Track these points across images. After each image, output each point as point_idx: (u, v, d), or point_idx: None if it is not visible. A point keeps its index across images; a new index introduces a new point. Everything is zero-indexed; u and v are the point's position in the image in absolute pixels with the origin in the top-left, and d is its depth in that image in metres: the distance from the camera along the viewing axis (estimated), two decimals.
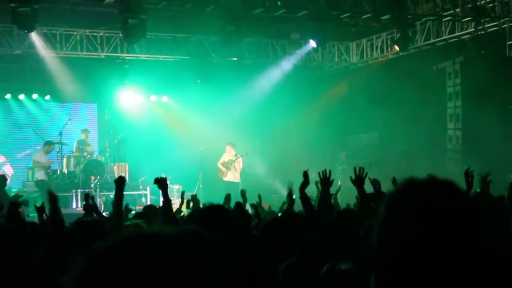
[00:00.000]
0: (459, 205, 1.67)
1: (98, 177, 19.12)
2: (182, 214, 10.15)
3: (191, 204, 10.41)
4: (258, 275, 4.33)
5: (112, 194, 18.40)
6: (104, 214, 10.35)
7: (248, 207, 10.39)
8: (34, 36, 18.56)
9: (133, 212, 10.28)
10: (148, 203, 17.11)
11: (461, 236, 1.63)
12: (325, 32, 18.48)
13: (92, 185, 18.73)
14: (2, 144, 21.55)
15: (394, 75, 19.85)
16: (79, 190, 18.45)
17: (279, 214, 8.76)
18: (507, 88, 18.18)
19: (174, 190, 19.62)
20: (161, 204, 8.30)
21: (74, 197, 18.57)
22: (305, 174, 6.98)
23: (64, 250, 5.12)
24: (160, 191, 6.74)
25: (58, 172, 19.50)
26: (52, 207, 6.02)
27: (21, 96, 21.53)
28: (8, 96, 21.37)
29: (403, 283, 1.62)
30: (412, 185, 1.71)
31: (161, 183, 6.64)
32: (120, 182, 6.23)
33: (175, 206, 16.77)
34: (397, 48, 19.25)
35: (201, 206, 9.55)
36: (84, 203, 8.89)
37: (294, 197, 8.59)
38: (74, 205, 18.19)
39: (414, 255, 1.61)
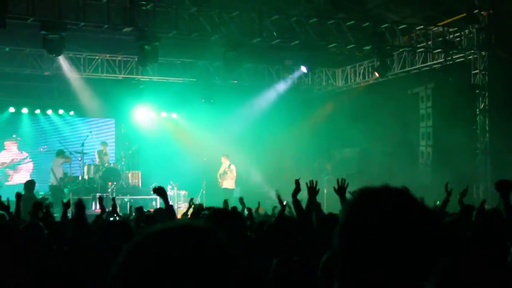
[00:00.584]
0: (409, 209, 1.60)
1: (115, 183, 19.17)
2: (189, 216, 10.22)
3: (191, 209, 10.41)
4: (253, 270, 4.39)
5: (126, 198, 18.64)
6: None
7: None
8: (61, 59, 18.74)
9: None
10: (158, 206, 17.14)
11: (412, 236, 1.57)
12: (314, 60, 18.63)
13: (109, 190, 18.78)
14: (31, 152, 21.65)
15: (374, 98, 19.91)
16: (97, 194, 18.49)
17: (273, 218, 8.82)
18: (472, 110, 18.30)
19: (181, 195, 19.65)
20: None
21: (93, 200, 18.59)
22: (297, 182, 6.85)
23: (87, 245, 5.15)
24: (161, 198, 6.64)
25: (80, 178, 19.51)
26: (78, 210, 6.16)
27: (49, 112, 21.64)
28: (37, 111, 21.47)
29: (360, 282, 1.56)
30: (366, 194, 1.65)
31: (160, 191, 6.54)
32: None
33: (181, 210, 16.90)
34: (377, 74, 19.36)
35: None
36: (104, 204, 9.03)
37: (285, 202, 8.65)
38: (93, 207, 18.20)
39: (369, 256, 1.55)
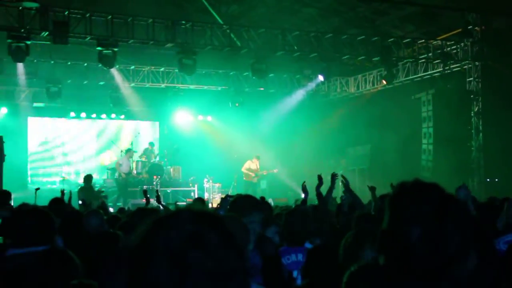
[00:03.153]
0: (439, 199, 1.61)
1: (159, 176, 19.31)
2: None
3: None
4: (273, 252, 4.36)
5: (168, 189, 18.75)
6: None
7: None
8: (114, 71, 18.90)
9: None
10: (196, 196, 17.27)
11: (457, 223, 1.57)
12: (330, 69, 18.62)
13: (154, 183, 18.93)
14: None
15: (382, 102, 19.82)
16: (144, 186, 18.66)
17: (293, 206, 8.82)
18: (467, 113, 18.20)
19: (216, 187, 19.73)
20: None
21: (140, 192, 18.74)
22: (319, 177, 6.77)
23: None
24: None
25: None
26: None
27: (103, 116, 21.78)
28: (94, 115, 21.66)
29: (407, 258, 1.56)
30: (403, 187, 1.66)
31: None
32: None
33: (216, 200, 16.91)
34: (384, 82, 19.27)
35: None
36: (148, 196, 8.86)
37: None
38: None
39: (413, 239, 1.55)
